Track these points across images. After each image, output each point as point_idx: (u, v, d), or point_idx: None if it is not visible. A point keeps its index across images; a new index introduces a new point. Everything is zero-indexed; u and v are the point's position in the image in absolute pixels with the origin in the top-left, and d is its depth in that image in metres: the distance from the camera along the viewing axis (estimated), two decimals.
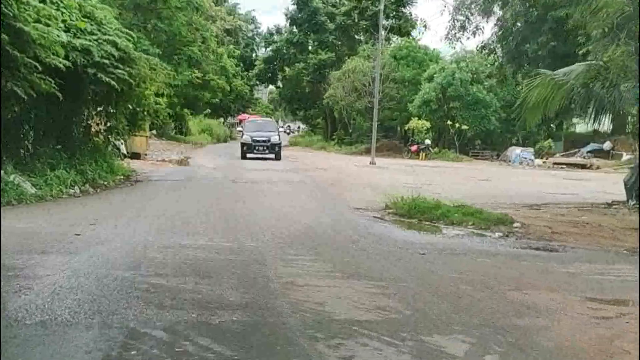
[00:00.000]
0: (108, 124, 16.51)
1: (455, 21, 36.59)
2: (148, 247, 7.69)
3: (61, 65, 12.29)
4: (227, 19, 67.16)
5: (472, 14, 40.24)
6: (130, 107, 16.56)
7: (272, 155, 27.29)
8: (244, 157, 27.53)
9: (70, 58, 12.78)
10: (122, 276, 6.06)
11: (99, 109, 16.01)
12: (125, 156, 23.68)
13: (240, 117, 77.79)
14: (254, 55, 72.78)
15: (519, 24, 42.80)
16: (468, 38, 36.88)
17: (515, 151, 37.71)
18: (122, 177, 16.15)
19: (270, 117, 34.43)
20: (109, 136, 16.65)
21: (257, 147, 27.42)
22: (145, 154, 26.57)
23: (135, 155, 24.78)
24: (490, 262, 7.59)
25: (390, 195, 13.32)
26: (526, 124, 19.39)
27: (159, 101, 17.75)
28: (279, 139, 28.23)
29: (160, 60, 18.39)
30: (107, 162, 15.83)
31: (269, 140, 27.47)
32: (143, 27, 36.71)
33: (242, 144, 28.34)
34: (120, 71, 13.65)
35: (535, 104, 14.64)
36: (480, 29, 38.47)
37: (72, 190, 13.03)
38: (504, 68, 21.67)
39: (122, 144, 20.48)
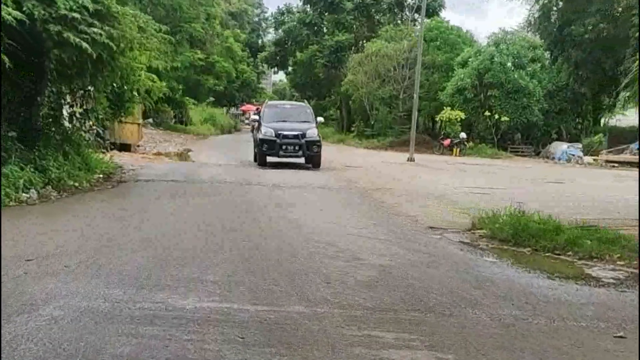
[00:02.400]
0: (84, 106, 13.03)
1: None
2: (113, 318, 4.24)
3: (10, 19, 8.93)
4: (231, 1, 63.88)
5: None
6: (115, 85, 13.06)
7: (305, 159, 18.34)
8: (262, 162, 18.18)
9: (25, 9, 9.36)
10: None
11: (72, 85, 12.49)
12: (112, 147, 20.30)
13: (244, 107, 74.28)
14: (260, 41, 69.65)
15: (560, 3, 39.35)
16: None
17: (562, 147, 34.20)
18: (101, 175, 12.70)
19: (304, 102, 22.39)
20: (86, 122, 13.15)
21: (284, 147, 17.78)
22: (138, 146, 23.16)
23: (124, 147, 21.40)
24: None
25: (469, 208, 9.94)
26: None
27: (152, 77, 14.26)
28: (318, 135, 18.38)
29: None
30: (82, 155, 12.38)
31: (303, 136, 17.82)
32: (138, 0, 33.32)
33: (262, 141, 18.04)
34: (96, 30, 10.14)
35: None
36: None
37: (26, 195, 9.59)
38: None
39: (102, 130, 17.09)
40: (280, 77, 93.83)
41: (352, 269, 6.01)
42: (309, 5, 47.36)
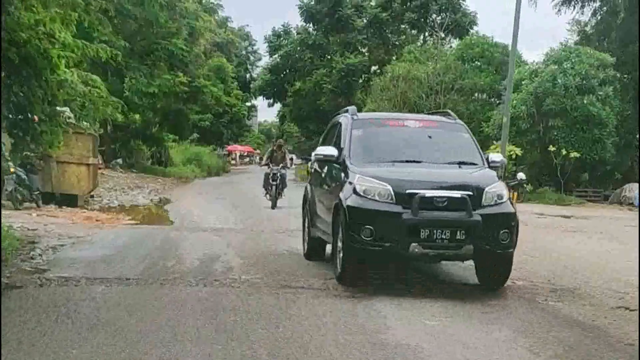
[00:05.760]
0: None
1: None
2: None
3: None
4: (217, 32, 58.83)
5: None
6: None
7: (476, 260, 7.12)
8: (354, 274, 6.87)
9: None
10: None
11: None
12: (48, 200, 14.09)
13: (230, 147, 68.73)
14: (248, 76, 64.91)
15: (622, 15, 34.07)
16: None
17: None
18: None
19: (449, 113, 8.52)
20: None
21: (427, 231, 6.56)
22: (91, 196, 16.76)
23: (69, 199, 15.07)
24: None
25: None
26: None
27: (91, 79, 8.03)
28: (509, 197, 7.14)
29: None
30: None
31: (477, 201, 6.70)
32: (103, 11, 27.47)
33: (354, 214, 6.69)
34: None
35: None
36: None
37: None
38: None
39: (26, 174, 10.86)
40: (266, 116, 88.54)
41: None
42: (311, 24, 41.57)
